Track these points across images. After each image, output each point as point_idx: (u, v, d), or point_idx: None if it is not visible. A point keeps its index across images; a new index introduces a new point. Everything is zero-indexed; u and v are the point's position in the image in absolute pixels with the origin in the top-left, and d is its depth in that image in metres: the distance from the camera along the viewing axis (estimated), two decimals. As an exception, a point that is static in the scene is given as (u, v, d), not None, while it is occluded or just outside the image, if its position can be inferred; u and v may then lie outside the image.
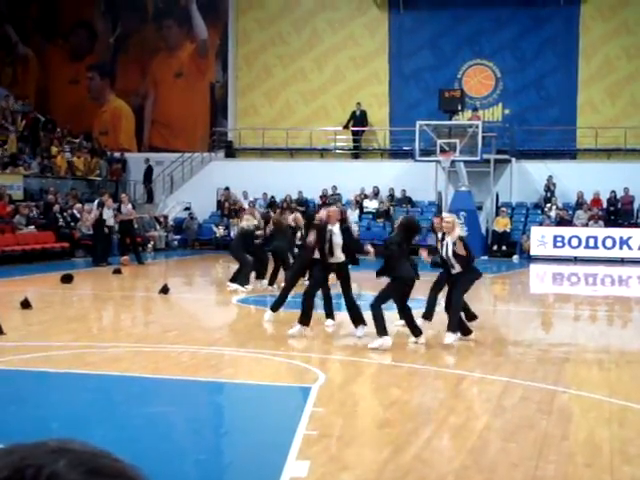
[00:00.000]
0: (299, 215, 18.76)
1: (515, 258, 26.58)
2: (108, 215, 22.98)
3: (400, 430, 7.22)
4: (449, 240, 11.04)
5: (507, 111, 30.77)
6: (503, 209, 28.05)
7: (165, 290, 16.47)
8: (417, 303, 12.59)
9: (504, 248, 27.31)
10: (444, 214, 11.53)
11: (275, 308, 12.92)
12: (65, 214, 25.67)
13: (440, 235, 11.65)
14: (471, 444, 6.76)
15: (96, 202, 23.46)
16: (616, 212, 27.95)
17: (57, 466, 0.73)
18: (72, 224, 25.27)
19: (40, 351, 10.34)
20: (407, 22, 31.27)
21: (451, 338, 11.16)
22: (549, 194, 28.67)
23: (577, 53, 29.91)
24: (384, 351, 10.78)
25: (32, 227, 24.46)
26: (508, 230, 27.64)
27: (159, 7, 33.62)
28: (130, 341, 11.25)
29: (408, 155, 29.33)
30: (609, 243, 26.02)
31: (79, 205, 26.24)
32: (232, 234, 28.69)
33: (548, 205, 28.25)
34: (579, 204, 28.22)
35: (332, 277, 12.25)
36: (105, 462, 0.77)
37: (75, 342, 10.82)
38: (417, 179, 28.91)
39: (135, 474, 0.79)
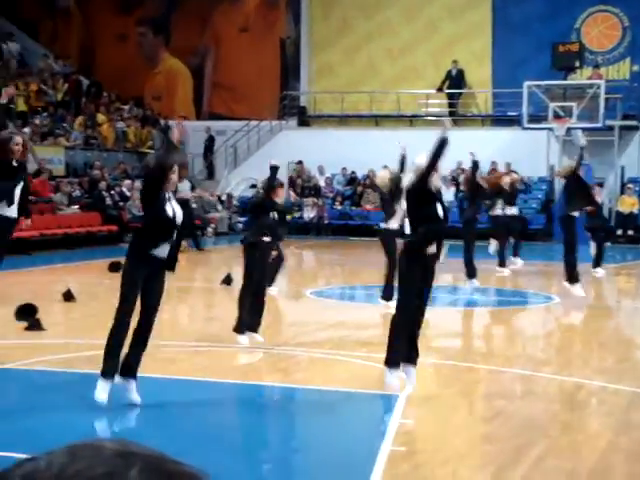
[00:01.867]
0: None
1: (644, 245, 26.14)
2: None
3: (504, 447, 7.15)
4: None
5: (636, 67, 30.15)
6: (630, 186, 27.56)
7: (228, 281, 16.61)
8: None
9: (630, 233, 26.84)
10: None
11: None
12: (113, 192, 26.05)
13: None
14: (591, 466, 6.66)
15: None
16: None
17: (130, 474, 0.76)
18: (121, 204, 25.62)
19: (84, 350, 10.52)
20: (514, -37, 30.89)
21: None
22: (685, 168, 28.09)
23: None
24: (485, 355, 10.69)
25: (75, 207, 24.89)
26: (636, 211, 27.17)
27: (221, -50, 33.83)
28: (188, 339, 11.38)
29: (514, 122, 29.00)
30: None
31: (129, 182, 26.58)
32: (306, 215, 28.85)
33: (684, 181, 27.68)
34: None
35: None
36: (174, 467, 0.79)
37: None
38: (525, 150, 28.56)
39: (202, 478, 0.81)
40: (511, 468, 6.56)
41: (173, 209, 7.89)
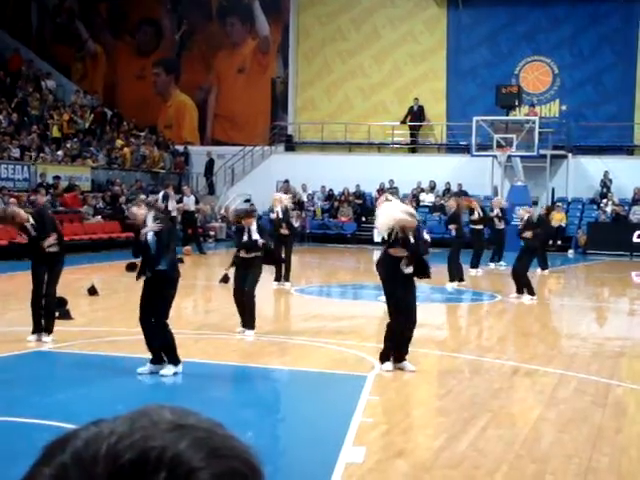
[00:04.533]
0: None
1: (570, 253, 26.22)
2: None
3: (455, 419, 7.18)
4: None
5: (564, 107, 30.30)
6: (559, 204, 27.65)
7: (225, 279, 16.56)
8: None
9: (559, 243, 26.93)
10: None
11: None
12: (130, 205, 25.98)
13: None
14: (525, 434, 6.70)
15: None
16: (673, 208, 27.34)
17: (179, 448, 0.74)
18: (137, 214, 25.54)
19: (106, 336, 10.51)
20: (465, 19, 30.97)
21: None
22: (605, 190, 28.19)
23: (636, 49, 29.30)
24: (440, 342, 10.72)
25: (99, 217, 24.80)
26: (563, 225, 27.25)
27: (223, 5, 33.77)
28: (191, 328, 11.37)
29: (465, 150, 29.08)
30: (665, 239, 25.48)
31: (143, 196, 26.49)
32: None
33: (604, 200, 27.79)
34: (635, 200, 27.70)
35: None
36: (222, 441, 0.77)
37: (139, 328, 10.95)
38: (473, 173, 28.66)
39: (250, 454, 0.79)
40: (460, 436, 6.58)
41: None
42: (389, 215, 8.66)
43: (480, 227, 19.79)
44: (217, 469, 0.73)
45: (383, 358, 8.88)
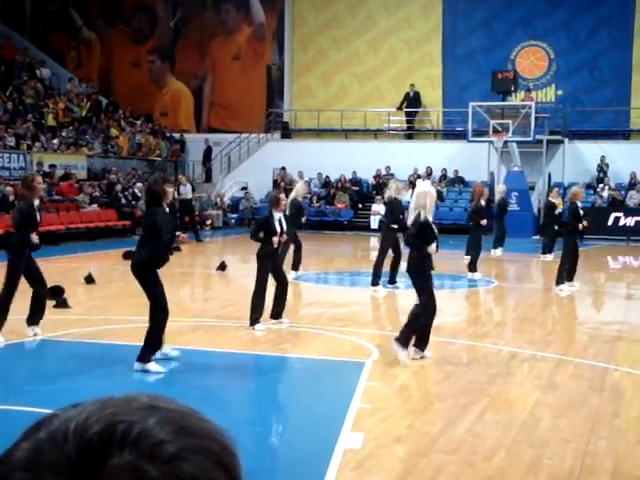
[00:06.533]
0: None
1: (567, 238, 26.17)
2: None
3: (452, 404, 7.19)
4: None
5: (560, 92, 30.27)
6: (555, 189, 27.62)
7: (223, 267, 16.59)
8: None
9: (556, 228, 26.89)
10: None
11: None
12: (126, 193, 25.94)
13: None
14: (522, 419, 6.71)
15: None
16: (669, 193, 27.34)
17: (147, 423, 0.74)
18: (133, 203, 25.53)
19: (103, 324, 10.51)
20: (461, 4, 30.88)
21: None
22: (601, 174, 28.19)
23: (632, 34, 29.25)
24: (437, 328, 10.72)
25: (95, 205, 24.77)
26: (560, 210, 27.21)
27: (218, -9, 33.67)
28: (189, 316, 11.36)
29: (461, 136, 29.04)
30: (662, 223, 25.49)
31: (140, 184, 26.48)
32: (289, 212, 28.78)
33: (600, 185, 27.79)
34: (632, 184, 27.71)
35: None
36: (193, 421, 0.77)
37: (136, 316, 10.95)
38: (470, 159, 28.64)
39: (222, 436, 0.78)
40: (458, 422, 6.60)
41: None
42: (423, 193, 8.86)
43: None
44: (185, 444, 0.73)
45: (405, 344, 8.77)
